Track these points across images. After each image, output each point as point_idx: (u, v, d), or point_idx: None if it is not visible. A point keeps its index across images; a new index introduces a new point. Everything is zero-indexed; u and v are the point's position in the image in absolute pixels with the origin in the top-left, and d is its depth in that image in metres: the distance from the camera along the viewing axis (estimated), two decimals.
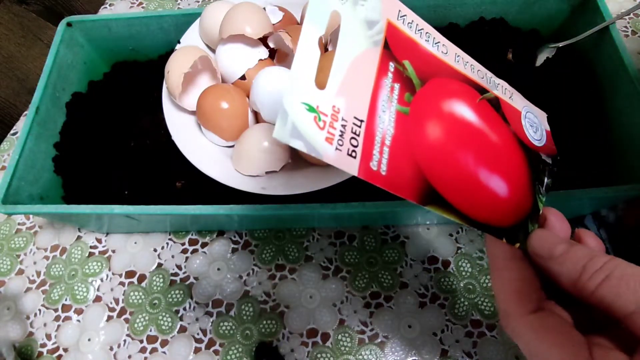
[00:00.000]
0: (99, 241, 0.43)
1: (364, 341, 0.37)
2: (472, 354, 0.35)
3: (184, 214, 0.33)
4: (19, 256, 0.43)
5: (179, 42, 0.38)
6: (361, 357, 0.36)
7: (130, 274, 0.41)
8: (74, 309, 0.40)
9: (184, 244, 0.42)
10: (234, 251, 0.41)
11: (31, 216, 0.45)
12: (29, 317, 0.40)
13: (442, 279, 0.38)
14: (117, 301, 0.40)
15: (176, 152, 0.33)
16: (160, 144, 0.40)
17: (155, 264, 0.41)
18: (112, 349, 0.38)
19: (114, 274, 0.41)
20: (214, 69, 0.36)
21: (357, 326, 0.37)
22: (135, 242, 0.42)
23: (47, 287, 0.41)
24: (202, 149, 0.34)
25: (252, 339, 0.37)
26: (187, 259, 0.41)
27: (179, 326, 0.38)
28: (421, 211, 0.31)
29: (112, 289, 0.40)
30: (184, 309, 0.39)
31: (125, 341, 0.38)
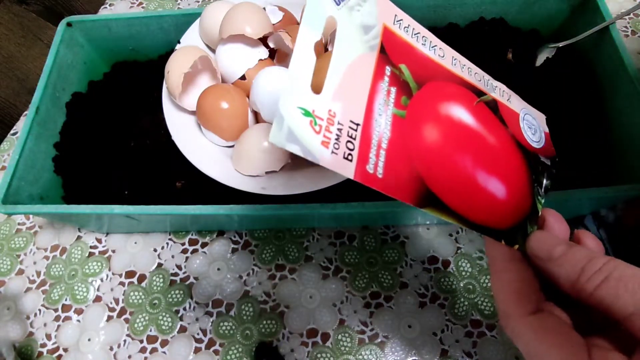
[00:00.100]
0: (99, 241, 0.43)
1: (364, 341, 0.37)
2: (472, 354, 0.35)
3: (184, 214, 0.33)
4: (19, 256, 0.43)
5: (179, 42, 0.38)
6: (361, 357, 0.36)
7: (130, 274, 0.41)
8: (74, 309, 0.40)
9: (184, 244, 0.42)
10: (234, 251, 0.41)
11: (31, 216, 0.45)
12: (29, 317, 0.40)
13: (442, 279, 0.38)
14: (117, 301, 0.40)
15: (176, 152, 0.33)
16: (160, 144, 0.40)
17: (155, 264, 0.41)
18: (112, 349, 0.38)
19: (114, 274, 0.41)
20: (214, 69, 0.36)
21: (357, 326, 0.37)
22: (135, 242, 0.42)
23: (47, 287, 0.41)
24: (202, 149, 0.34)
25: (252, 339, 0.37)
26: (187, 259, 0.41)
27: (179, 326, 0.38)
28: (421, 211, 0.31)
29: (112, 289, 0.40)
30: (184, 309, 0.39)
31: (125, 341, 0.38)
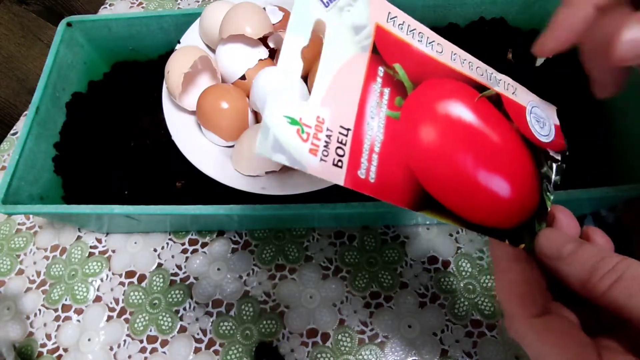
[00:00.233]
0: (99, 241, 0.43)
1: (364, 341, 0.37)
2: (472, 354, 0.35)
3: (184, 214, 0.33)
4: (19, 256, 0.43)
5: (179, 42, 0.38)
6: (361, 357, 0.36)
7: (130, 274, 0.41)
8: (74, 309, 0.40)
9: (184, 244, 0.42)
10: (234, 251, 0.41)
11: (31, 216, 0.45)
12: (29, 317, 0.40)
13: (442, 279, 0.38)
14: (117, 301, 0.40)
15: (176, 152, 0.33)
16: (160, 144, 0.40)
17: (155, 264, 0.41)
18: (112, 349, 0.38)
19: (114, 274, 0.41)
20: (214, 69, 0.36)
21: (357, 326, 0.37)
22: (135, 242, 0.42)
23: (47, 287, 0.41)
24: (202, 149, 0.34)
25: (252, 339, 0.37)
26: (187, 259, 0.41)
27: (179, 326, 0.38)
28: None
29: (112, 289, 0.40)
30: (184, 309, 0.39)
31: (125, 341, 0.38)
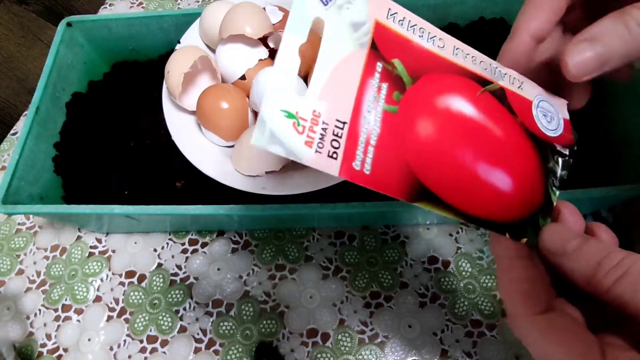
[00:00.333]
0: (99, 241, 0.43)
1: (364, 341, 0.37)
2: (472, 354, 0.35)
3: (184, 214, 0.33)
4: (19, 256, 0.43)
5: (179, 42, 0.38)
6: (361, 357, 0.36)
7: (130, 274, 0.41)
8: (74, 309, 0.40)
9: (184, 244, 0.42)
10: (234, 251, 0.41)
11: (31, 216, 0.45)
12: (29, 317, 0.40)
13: (442, 279, 0.38)
14: (117, 301, 0.40)
15: (176, 152, 0.33)
16: (160, 144, 0.40)
17: (155, 264, 0.41)
18: (112, 349, 0.38)
19: (114, 274, 0.41)
20: (214, 69, 0.36)
21: (357, 326, 0.37)
22: (135, 242, 0.42)
23: (47, 287, 0.41)
24: (202, 149, 0.34)
25: (252, 339, 0.37)
26: (187, 259, 0.41)
27: (179, 326, 0.38)
28: (421, 210, 0.31)
29: (112, 289, 0.40)
30: (184, 309, 0.39)
31: (125, 341, 0.38)
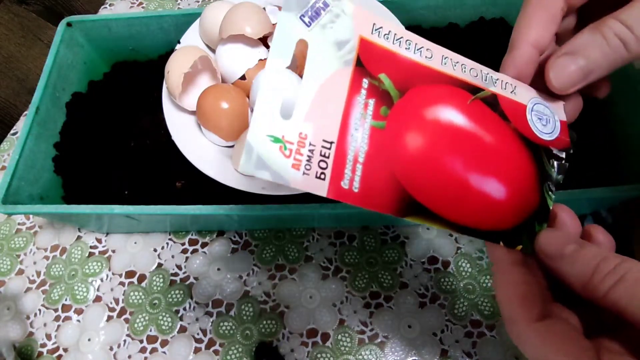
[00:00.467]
0: (99, 241, 0.43)
1: (364, 341, 0.37)
2: (472, 354, 0.35)
3: (184, 214, 0.33)
4: (19, 256, 0.43)
5: (179, 42, 0.38)
6: (361, 357, 0.36)
7: (130, 274, 0.41)
8: (74, 309, 0.40)
9: (184, 244, 0.42)
10: (234, 251, 0.41)
11: (31, 216, 0.45)
12: (29, 317, 0.40)
13: (442, 279, 0.38)
14: (117, 301, 0.40)
15: (176, 152, 0.33)
16: (160, 144, 0.40)
17: (155, 264, 0.41)
18: (112, 349, 0.38)
19: (114, 274, 0.41)
20: (214, 69, 0.36)
21: (357, 326, 0.37)
22: (135, 242, 0.42)
23: (47, 287, 0.41)
24: (202, 149, 0.34)
25: (252, 339, 0.37)
26: (187, 259, 0.41)
27: (179, 326, 0.38)
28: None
29: (112, 289, 0.40)
30: (184, 309, 0.39)
31: (125, 341, 0.38)
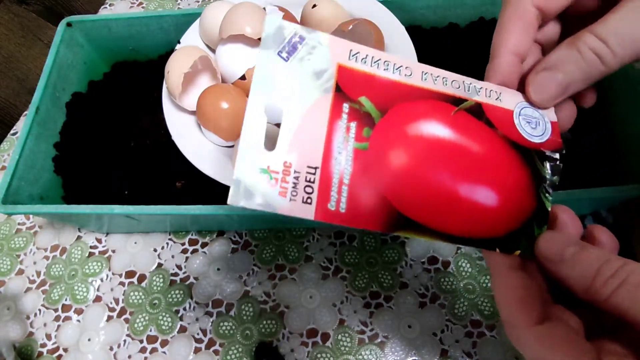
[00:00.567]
0: (99, 241, 0.43)
1: (364, 341, 0.37)
2: (472, 354, 0.35)
3: (184, 214, 0.33)
4: (19, 256, 0.43)
5: (179, 42, 0.38)
6: (361, 357, 0.36)
7: (130, 274, 0.41)
8: (74, 309, 0.40)
9: (184, 244, 0.42)
10: (234, 251, 0.41)
11: (31, 216, 0.45)
12: (29, 317, 0.40)
13: (442, 279, 0.38)
14: (117, 301, 0.40)
15: (176, 152, 0.33)
16: (160, 144, 0.40)
17: (155, 264, 0.41)
18: (112, 349, 0.38)
19: (114, 274, 0.41)
20: (214, 69, 0.36)
21: (357, 326, 0.37)
22: (135, 242, 0.42)
23: (47, 287, 0.41)
24: (202, 149, 0.34)
25: (252, 339, 0.37)
26: (187, 259, 0.41)
27: (179, 326, 0.38)
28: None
29: (112, 289, 0.40)
30: (184, 309, 0.39)
31: (125, 341, 0.38)
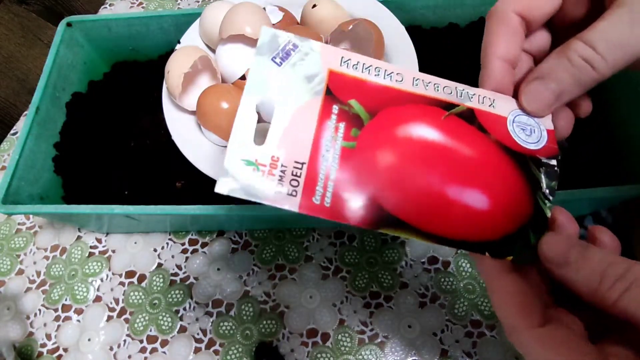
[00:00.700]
0: (99, 241, 0.43)
1: (364, 341, 0.37)
2: (472, 354, 0.35)
3: (184, 214, 0.33)
4: (19, 256, 0.43)
5: (179, 42, 0.38)
6: (361, 357, 0.36)
7: (130, 274, 0.41)
8: (74, 309, 0.40)
9: (184, 244, 0.42)
10: (234, 251, 0.41)
11: (31, 216, 0.45)
12: (29, 317, 0.40)
13: (442, 279, 0.38)
14: (117, 301, 0.40)
15: (176, 152, 0.33)
16: (160, 144, 0.40)
17: (155, 264, 0.41)
18: (112, 349, 0.38)
19: (114, 274, 0.41)
20: (214, 69, 0.36)
21: (357, 326, 0.37)
22: (135, 242, 0.42)
23: (47, 287, 0.41)
24: (202, 149, 0.34)
25: (252, 339, 0.37)
26: (187, 259, 0.41)
27: (179, 326, 0.38)
28: None
29: (112, 289, 0.40)
30: (184, 309, 0.39)
31: (125, 341, 0.38)
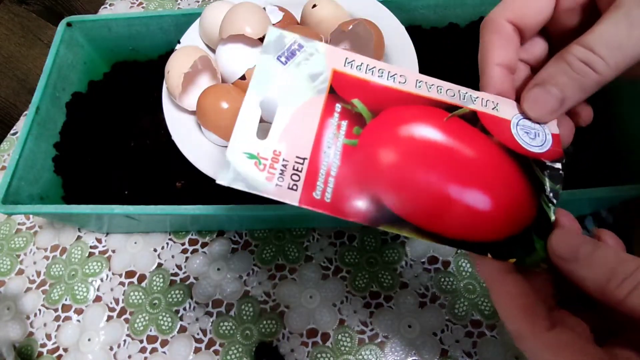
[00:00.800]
0: (99, 241, 0.43)
1: (364, 341, 0.37)
2: (472, 354, 0.35)
3: (184, 214, 0.33)
4: (19, 256, 0.43)
5: (179, 42, 0.38)
6: (361, 357, 0.36)
7: (130, 274, 0.41)
8: (74, 309, 0.40)
9: (184, 244, 0.42)
10: (234, 251, 0.41)
11: (31, 216, 0.45)
12: (29, 317, 0.40)
13: (442, 279, 0.38)
14: (117, 301, 0.40)
15: (176, 152, 0.33)
16: (160, 144, 0.40)
17: (155, 264, 0.41)
18: (112, 349, 0.38)
19: (114, 274, 0.41)
20: (214, 69, 0.36)
21: (357, 326, 0.37)
22: (135, 242, 0.42)
23: (47, 287, 0.41)
24: (202, 149, 0.34)
25: (252, 339, 0.37)
26: (187, 259, 0.41)
27: (179, 326, 0.38)
28: None
29: (112, 289, 0.40)
30: (184, 309, 0.39)
31: (125, 341, 0.38)
